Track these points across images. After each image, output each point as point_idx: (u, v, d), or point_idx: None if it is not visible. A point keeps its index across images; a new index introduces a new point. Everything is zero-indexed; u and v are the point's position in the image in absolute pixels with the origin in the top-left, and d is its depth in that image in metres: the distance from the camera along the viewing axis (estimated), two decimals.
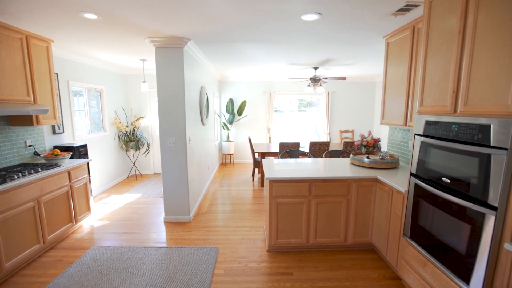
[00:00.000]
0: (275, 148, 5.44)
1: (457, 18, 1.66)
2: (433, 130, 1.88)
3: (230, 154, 7.30)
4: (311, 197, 2.74)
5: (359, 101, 7.57)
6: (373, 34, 3.12)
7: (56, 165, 3.08)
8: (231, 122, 7.21)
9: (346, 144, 5.01)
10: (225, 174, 6.36)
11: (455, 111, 1.70)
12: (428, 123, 1.93)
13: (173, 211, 3.66)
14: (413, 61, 2.55)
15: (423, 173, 2.00)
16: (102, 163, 4.99)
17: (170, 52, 3.32)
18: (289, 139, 7.73)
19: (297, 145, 4.91)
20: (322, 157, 5.05)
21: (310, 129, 7.79)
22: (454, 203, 1.68)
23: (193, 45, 3.59)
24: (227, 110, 7.24)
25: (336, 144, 6.10)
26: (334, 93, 7.45)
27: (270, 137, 7.44)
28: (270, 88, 7.37)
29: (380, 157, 3.07)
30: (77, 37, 3.19)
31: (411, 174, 2.14)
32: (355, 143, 3.23)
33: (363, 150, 3.14)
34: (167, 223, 3.63)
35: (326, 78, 5.41)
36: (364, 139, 3.15)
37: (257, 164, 5.57)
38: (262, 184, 5.30)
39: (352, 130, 7.66)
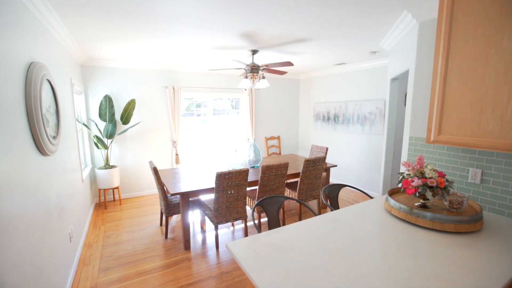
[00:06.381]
0: (203, 181, 3.29)
1: None
2: None
3: (114, 188, 4.45)
4: None
5: (283, 101, 6.35)
6: None
7: None
8: (110, 136, 4.37)
9: (308, 163, 3.50)
10: (107, 230, 3.60)
11: None
12: None
13: None
14: None
15: None
16: None
17: None
18: (214, 159, 5.61)
19: (245, 173, 2.98)
20: (280, 186, 3.33)
21: (236, 139, 5.91)
22: None
23: None
24: (101, 116, 4.33)
25: (265, 159, 4.54)
26: (257, 91, 5.89)
27: (177, 155, 5.08)
28: (173, 81, 4.99)
29: (452, 205, 1.64)
30: None
31: None
32: (410, 183, 1.66)
33: (429, 195, 1.62)
34: None
35: (267, 66, 3.71)
36: (428, 176, 1.63)
37: (172, 209, 3.25)
38: (186, 247, 3.05)
39: (278, 137, 6.36)
